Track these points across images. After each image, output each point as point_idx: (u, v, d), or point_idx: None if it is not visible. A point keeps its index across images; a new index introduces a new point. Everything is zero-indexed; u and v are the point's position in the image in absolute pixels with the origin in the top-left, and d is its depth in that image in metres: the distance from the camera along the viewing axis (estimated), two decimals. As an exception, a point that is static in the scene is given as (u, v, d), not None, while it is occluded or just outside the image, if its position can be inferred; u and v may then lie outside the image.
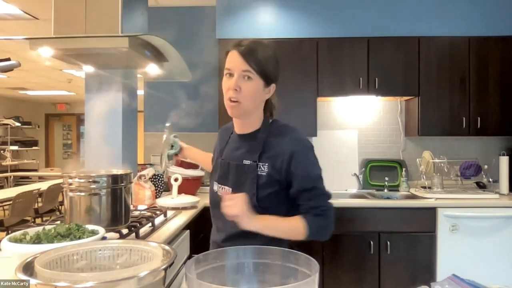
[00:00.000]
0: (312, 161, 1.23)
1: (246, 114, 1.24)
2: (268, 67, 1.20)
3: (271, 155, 1.21)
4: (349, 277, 2.78)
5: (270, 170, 1.20)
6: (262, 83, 1.20)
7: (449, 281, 1.05)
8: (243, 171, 1.23)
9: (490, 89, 3.11)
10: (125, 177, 1.59)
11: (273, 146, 1.21)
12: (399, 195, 3.18)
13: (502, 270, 2.75)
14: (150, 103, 3.67)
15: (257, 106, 1.25)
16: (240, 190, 1.20)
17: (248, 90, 1.18)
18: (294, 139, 1.22)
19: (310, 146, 1.24)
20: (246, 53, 1.16)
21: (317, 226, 1.17)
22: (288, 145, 1.20)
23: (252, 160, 1.22)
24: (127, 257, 0.93)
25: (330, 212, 1.21)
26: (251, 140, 1.26)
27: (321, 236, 1.19)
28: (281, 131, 1.25)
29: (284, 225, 1.18)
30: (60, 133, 10.97)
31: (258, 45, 1.20)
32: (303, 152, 1.21)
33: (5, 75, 6.52)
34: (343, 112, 3.52)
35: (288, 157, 1.19)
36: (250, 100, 1.19)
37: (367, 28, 3.15)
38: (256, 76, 1.18)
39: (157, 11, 3.54)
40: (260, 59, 1.17)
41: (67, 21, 1.80)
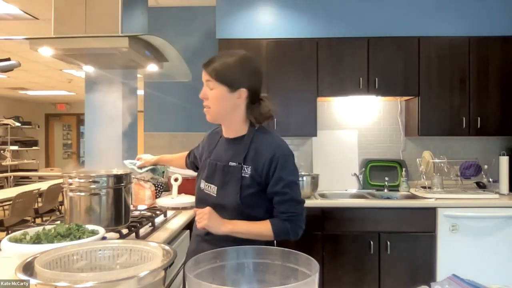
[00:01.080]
0: (289, 168, 1.33)
1: (221, 118, 1.37)
2: (226, 73, 1.30)
3: (254, 158, 1.32)
4: (349, 277, 2.78)
5: (253, 172, 1.31)
6: (224, 89, 1.30)
7: (449, 281, 1.05)
8: (229, 172, 1.34)
9: (490, 89, 3.11)
10: (125, 177, 1.59)
11: (257, 150, 1.33)
12: (399, 195, 3.18)
13: (502, 270, 2.75)
14: (150, 103, 3.67)
15: (230, 111, 1.34)
16: (225, 188, 1.34)
17: (212, 96, 1.32)
18: (275, 146, 1.33)
19: (289, 154, 1.34)
20: (206, 64, 1.33)
21: (281, 230, 1.30)
22: (269, 150, 1.31)
23: (238, 162, 1.33)
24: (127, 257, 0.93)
25: (298, 218, 1.33)
26: (237, 144, 1.38)
27: (287, 238, 1.31)
28: (265, 138, 1.36)
29: (251, 228, 1.30)
30: (60, 133, 10.97)
31: (219, 55, 1.35)
32: (281, 159, 1.31)
33: (5, 75, 6.52)
34: (343, 112, 3.52)
35: (268, 161, 1.30)
36: (217, 105, 1.33)
37: (367, 28, 3.15)
38: (216, 84, 1.30)
39: (157, 11, 3.55)
40: (217, 67, 1.30)
41: (67, 21, 1.80)
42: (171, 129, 3.63)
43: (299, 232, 1.34)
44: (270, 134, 1.39)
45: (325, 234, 2.80)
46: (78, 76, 6.56)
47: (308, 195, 3.00)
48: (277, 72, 3.15)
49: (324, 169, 3.41)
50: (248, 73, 1.34)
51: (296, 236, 1.33)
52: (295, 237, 1.33)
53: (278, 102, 3.21)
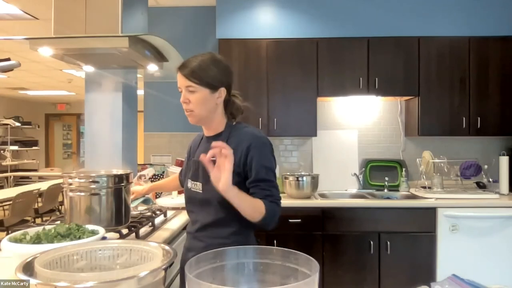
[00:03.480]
0: (267, 156, 1.36)
1: (204, 119, 1.41)
2: (206, 76, 1.34)
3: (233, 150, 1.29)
4: (349, 277, 2.78)
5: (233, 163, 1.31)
6: (207, 91, 1.35)
7: (449, 281, 1.05)
8: None
9: (490, 89, 3.11)
10: (125, 177, 1.59)
11: (234, 143, 1.35)
12: (399, 195, 3.18)
13: (502, 270, 2.75)
14: (150, 103, 3.67)
15: (212, 111, 1.39)
16: (209, 184, 1.30)
17: (194, 100, 1.35)
18: (251, 135, 1.37)
19: (266, 142, 1.38)
20: (184, 71, 1.35)
21: (272, 211, 1.30)
22: (246, 140, 1.35)
23: None
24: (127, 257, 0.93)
25: (280, 204, 1.35)
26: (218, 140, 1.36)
27: (271, 221, 1.30)
28: (242, 130, 1.41)
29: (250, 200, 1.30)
30: (60, 133, 10.97)
31: (195, 60, 1.36)
32: (258, 147, 1.34)
33: (5, 75, 6.52)
34: (343, 112, 3.52)
35: (245, 150, 1.34)
36: (200, 108, 1.36)
37: (367, 28, 3.15)
38: (198, 87, 1.34)
39: (157, 11, 3.55)
40: (197, 72, 1.33)
41: (67, 21, 1.80)
42: (171, 129, 3.63)
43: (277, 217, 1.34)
44: (247, 126, 1.44)
45: (325, 234, 2.80)
46: (78, 76, 6.56)
47: (308, 195, 3.00)
48: (277, 72, 3.15)
49: (324, 169, 3.41)
50: (224, 72, 1.39)
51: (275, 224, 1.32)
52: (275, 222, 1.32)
53: (278, 102, 3.23)
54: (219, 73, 1.38)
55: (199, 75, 1.34)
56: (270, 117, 3.15)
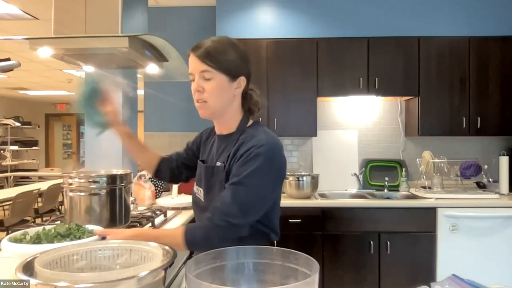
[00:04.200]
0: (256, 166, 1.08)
1: (217, 113, 1.20)
2: (226, 61, 1.15)
3: (234, 154, 1.15)
4: (349, 277, 2.78)
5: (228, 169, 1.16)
6: (225, 78, 1.15)
7: (449, 281, 1.05)
8: (213, 173, 1.19)
9: (490, 89, 3.11)
10: (125, 177, 1.59)
11: (241, 146, 1.15)
12: (399, 195, 3.18)
13: (502, 270, 2.75)
14: (150, 103, 3.67)
15: (228, 104, 1.19)
16: (211, 193, 1.20)
17: (210, 88, 1.14)
18: (257, 141, 1.12)
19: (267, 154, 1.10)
20: (200, 53, 1.14)
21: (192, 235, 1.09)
22: (250, 143, 1.12)
23: (222, 162, 1.18)
24: (127, 257, 0.93)
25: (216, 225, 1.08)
26: (226, 142, 1.23)
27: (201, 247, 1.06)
28: (254, 132, 1.17)
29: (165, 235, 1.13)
30: (60, 133, 10.97)
31: (212, 42, 1.16)
32: (254, 154, 1.09)
33: (5, 75, 6.53)
34: (343, 112, 3.52)
35: (241, 154, 1.12)
36: (215, 98, 1.15)
37: (367, 28, 3.15)
38: (215, 73, 1.14)
39: (157, 11, 3.55)
40: (215, 55, 1.13)
41: (67, 21, 1.80)
42: (171, 129, 3.63)
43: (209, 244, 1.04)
44: (263, 129, 1.20)
45: (325, 234, 2.80)
46: (78, 76, 6.56)
47: (308, 195, 3.01)
48: (277, 72, 3.15)
49: (324, 169, 3.41)
50: (244, 58, 1.19)
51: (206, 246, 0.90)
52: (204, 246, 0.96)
53: (278, 102, 3.23)
54: (239, 58, 1.17)
55: (216, 58, 1.13)
56: (270, 117, 3.15)
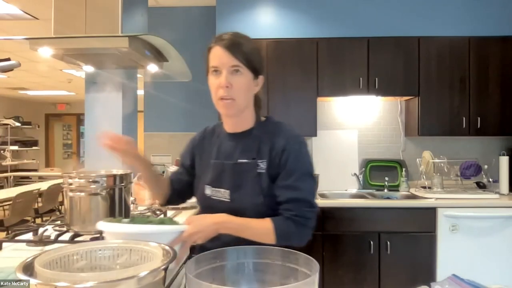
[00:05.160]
0: (302, 158, 1.16)
1: (240, 111, 1.19)
2: (254, 58, 1.15)
3: (268, 151, 1.16)
4: (349, 277, 2.78)
5: (268, 166, 1.15)
6: (251, 76, 1.15)
7: (449, 281, 1.05)
8: (241, 170, 1.17)
9: (490, 89, 3.11)
10: (125, 177, 1.59)
11: (268, 142, 1.17)
12: (399, 195, 3.18)
13: (502, 270, 2.75)
14: (150, 103, 3.67)
15: (250, 101, 1.20)
16: (240, 191, 1.16)
17: (239, 85, 1.12)
18: (288, 134, 1.18)
19: (303, 142, 1.18)
20: (232, 46, 1.11)
21: (284, 231, 1.09)
22: (282, 139, 1.16)
23: (251, 158, 1.17)
24: (127, 257, 0.93)
25: (306, 223, 1.11)
26: (246, 138, 1.21)
27: (288, 242, 1.07)
28: (275, 128, 1.21)
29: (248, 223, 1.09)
30: (60, 133, 10.97)
31: (240, 37, 1.15)
32: (295, 147, 1.15)
33: (5, 75, 6.53)
34: (343, 112, 3.52)
35: (281, 151, 1.14)
36: (243, 95, 1.15)
37: (367, 28, 3.15)
38: (245, 70, 1.12)
39: (157, 11, 3.55)
40: (246, 51, 1.12)
41: (67, 21, 1.80)
42: (171, 129, 3.63)
43: (304, 239, 1.11)
44: (281, 122, 1.23)
45: (325, 234, 2.80)
46: (78, 76, 6.56)
47: (308, 195, 3.00)
48: (277, 72, 3.15)
49: (324, 169, 3.41)
50: (262, 58, 1.21)
51: (301, 242, 1.10)
52: (298, 242, 1.10)
53: (278, 102, 3.23)
54: (261, 57, 1.19)
55: (247, 55, 1.12)
56: (270, 117, 3.15)
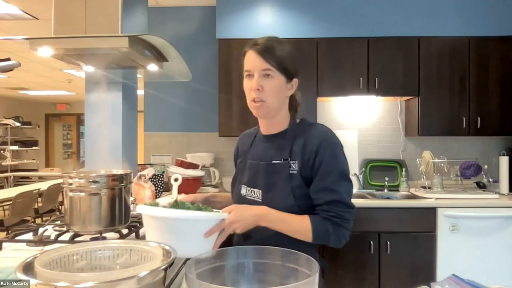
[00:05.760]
0: (338, 159, 1.16)
1: (272, 113, 1.22)
2: (287, 62, 1.18)
3: (300, 152, 1.17)
4: (349, 277, 2.78)
5: (300, 167, 1.17)
6: (283, 79, 1.19)
7: (449, 281, 1.05)
8: (274, 171, 1.20)
9: (490, 89, 3.11)
10: (125, 177, 1.59)
11: (301, 143, 1.18)
12: (399, 195, 3.18)
13: (502, 270, 2.75)
14: (150, 103, 3.67)
15: (282, 103, 1.23)
16: (272, 191, 1.18)
17: (270, 88, 1.16)
18: (323, 134, 1.19)
19: (338, 143, 1.19)
20: (264, 51, 1.16)
21: (322, 231, 1.11)
22: (316, 139, 1.17)
23: (283, 158, 1.19)
24: (127, 257, 0.93)
25: (344, 224, 1.15)
26: (279, 140, 1.24)
27: (326, 242, 1.13)
28: (309, 129, 1.22)
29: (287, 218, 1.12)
30: (60, 133, 10.97)
31: (274, 41, 1.19)
32: (330, 148, 1.16)
33: (5, 75, 6.53)
34: (343, 112, 3.52)
35: (315, 151, 1.15)
36: (274, 98, 1.18)
37: (367, 28, 3.15)
38: (276, 73, 1.17)
39: (157, 11, 3.55)
40: (278, 55, 1.16)
41: (67, 21, 1.80)
42: (171, 129, 3.63)
43: (342, 240, 1.15)
44: (315, 123, 1.26)
45: (325, 234, 2.80)
46: (78, 76, 6.57)
47: (308, 195, 3.00)
48: (277, 72, 3.15)
49: (324, 169, 3.41)
50: (298, 61, 1.23)
51: (338, 244, 1.15)
52: (336, 243, 1.14)
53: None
54: (295, 61, 1.21)
55: (278, 58, 1.16)
56: (270, 117, 3.15)
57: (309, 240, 1.11)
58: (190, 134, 3.61)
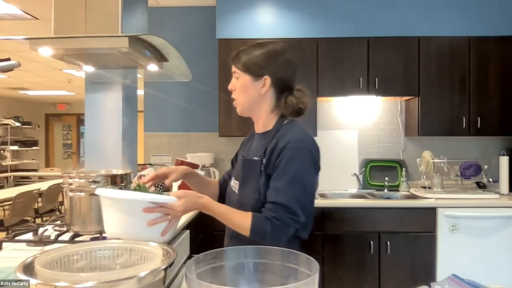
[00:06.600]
0: (299, 162, 1.17)
1: (248, 110, 1.31)
2: (250, 62, 1.26)
3: (270, 151, 1.22)
4: (349, 277, 2.78)
5: (266, 165, 1.21)
6: (248, 78, 1.27)
7: (449, 281, 1.05)
8: (249, 166, 1.26)
9: (490, 89, 3.11)
10: (125, 177, 1.59)
11: (275, 142, 1.22)
12: (399, 195, 3.19)
13: (502, 270, 2.75)
14: (150, 103, 3.67)
15: (255, 102, 1.29)
16: (245, 185, 1.26)
17: (238, 87, 1.29)
18: (293, 136, 1.20)
19: (306, 148, 1.20)
20: (232, 58, 1.31)
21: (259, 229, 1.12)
22: (284, 141, 1.19)
23: (259, 156, 1.25)
24: (127, 257, 0.93)
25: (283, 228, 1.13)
26: (264, 138, 1.30)
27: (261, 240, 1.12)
28: (287, 129, 1.25)
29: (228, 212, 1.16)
30: (60, 133, 10.97)
31: (245, 48, 1.31)
32: (293, 150, 1.17)
33: (5, 75, 6.53)
34: (343, 112, 3.52)
35: (278, 152, 1.18)
36: (242, 95, 1.29)
37: (367, 28, 3.15)
38: (241, 74, 1.28)
39: (157, 11, 3.55)
40: (242, 58, 1.28)
41: (67, 21, 1.80)
42: (171, 129, 3.63)
43: (276, 242, 1.06)
44: (294, 125, 1.28)
45: (325, 234, 2.80)
46: (78, 76, 6.57)
47: (308, 195, 3.00)
48: (277, 72, 3.15)
49: (324, 169, 3.38)
50: (271, 60, 1.26)
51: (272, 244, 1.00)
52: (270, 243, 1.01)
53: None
54: (264, 59, 1.26)
55: (240, 59, 1.28)
56: (270, 117, 3.15)
57: (247, 235, 1.14)
58: (190, 134, 3.61)
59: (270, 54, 1.27)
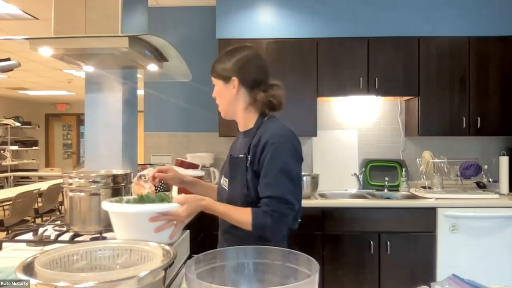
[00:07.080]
0: (281, 156, 1.22)
1: (229, 114, 1.41)
2: (220, 67, 1.35)
3: (254, 147, 1.27)
4: (349, 277, 2.78)
5: (251, 161, 1.27)
6: (221, 83, 1.36)
7: (449, 281, 1.05)
8: (237, 163, 1.32)
9: (490, 89, 3.11)
10: (125, 177, 1.59)
11: (257, 139, 1.28)
12: (399, 195, 3.18)
13: (502, 270, 2.75)
14: (150, 103, 3.67)
15: (231, 104, 1.37)
16: (233, 181, 1.31)
17: (216, 94, 1.40)
18: (274, 132, 1.26)
19: (287, 142, 1.25)
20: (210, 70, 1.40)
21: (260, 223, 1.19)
22: (266, 137, 1.25)
23: (244, 153, 1.31)
24: (127, 257, 0.93)
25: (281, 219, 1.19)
26: (247, 136, 1.37)
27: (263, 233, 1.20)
28: (268, 125, 1.31)
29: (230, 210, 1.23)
30: (60, 133, 10.97)
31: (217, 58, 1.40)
32: (276, 145, 1.23)
33: (5, 75, 6.53)
34: (343, 112, 3.52)
35: (261, 147, 1.24)
36: (220, 100, 1.39)
37: (367, 28, 3.15)
38: (215, 80, 1.38)
39: (157, 11, 3.55)
40: (214, 66, 1.38)
41: (67, 21, 1.80)
42: (171, 129, 3.63)
43: (277, 233, 1.22)
44: (276, 121, 1.34)
45: (325, 234, 2.80)
46: (78, 76, 6.57)
47: (308, 195, 3.00)
48: (277, 72, 3.12)
49: (324, 169, 3.41)
50: (238, 63, 1.33)
51: (273, 236, 1.22)
52: (271, 236, 1.21)
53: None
54: (232, 63, 1.33)
55: (213, 68, 1.38)
56: (270, 117, 3.15)
57: (249, 229, 1.20)
58: (190, 134, 3.61)
59: (233, 56, 1.35)
